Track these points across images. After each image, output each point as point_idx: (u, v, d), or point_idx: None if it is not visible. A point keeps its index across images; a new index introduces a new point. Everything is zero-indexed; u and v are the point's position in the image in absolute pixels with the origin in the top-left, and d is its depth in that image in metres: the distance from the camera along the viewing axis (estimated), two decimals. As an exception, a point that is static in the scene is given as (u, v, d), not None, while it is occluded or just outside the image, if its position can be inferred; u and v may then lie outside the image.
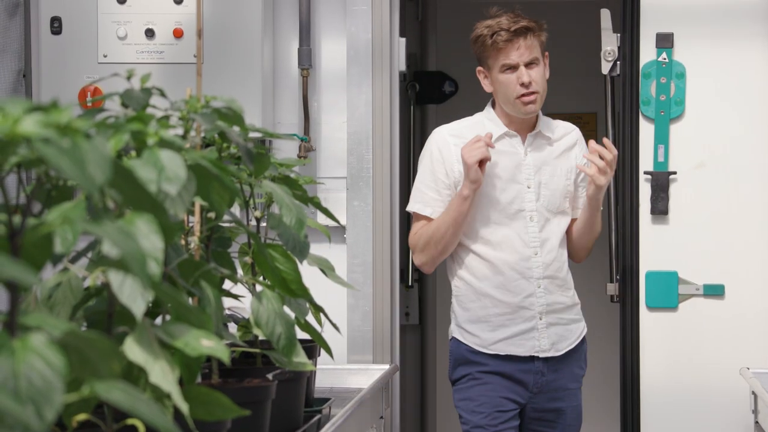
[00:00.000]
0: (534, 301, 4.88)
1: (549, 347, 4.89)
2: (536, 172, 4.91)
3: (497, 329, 4.88)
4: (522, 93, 4.75)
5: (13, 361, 1.70)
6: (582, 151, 4.98)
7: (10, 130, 1.76)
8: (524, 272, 4.87)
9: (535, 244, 4.88)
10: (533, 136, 4.93)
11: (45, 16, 5.29)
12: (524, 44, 4.75)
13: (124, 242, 1.96)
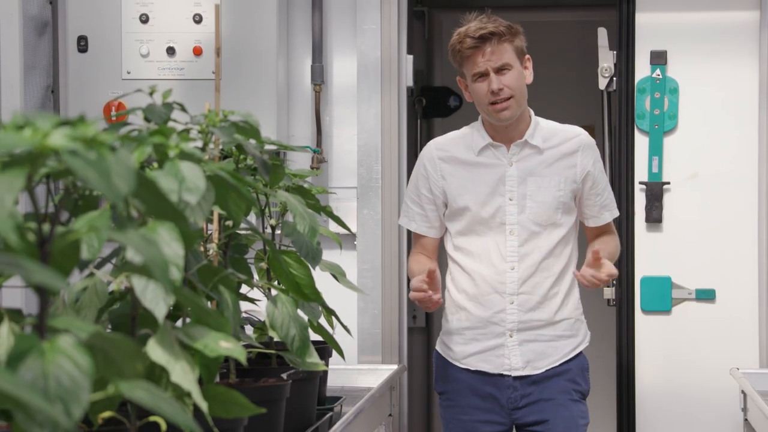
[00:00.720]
0: (504, 317, 4.50)
1: (523, 365, 4.51)
2: (520, 184, 4.51)
3: (469, 343, 4.56)
4: (492, 100, 4.39)
5: (43, 362, 1.71)
6: (587, 158, 4.56)
7: (39, 143, 1.76)
8: (497, 287, 4.50)
9: (513, 258, 4.50)
10: (519, 146, 4.53)
11: (72, 35, 5.30)
12: (490, 50, 4.37)
13: (146, 249, 1.96)
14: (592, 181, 4.55)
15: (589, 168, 4.54)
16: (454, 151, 4.56)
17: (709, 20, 5.53)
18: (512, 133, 4.51)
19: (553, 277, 4.51)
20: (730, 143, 5.46)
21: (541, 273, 4.49)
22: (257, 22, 5.28)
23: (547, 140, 4.54)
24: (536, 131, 4.54)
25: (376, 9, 5.47)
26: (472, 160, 4.52)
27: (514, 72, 4.41)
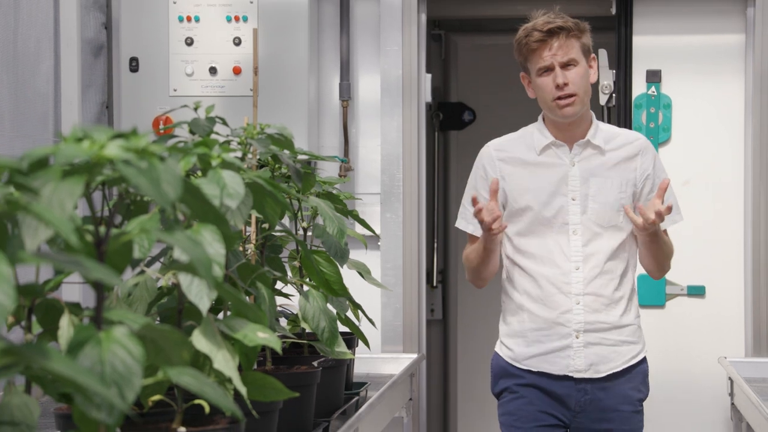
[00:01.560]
0: (570, 318, 4.02)
1: (586, 368, 4.03)
2: (583, 184, 4.04)
3: (532, 345, 4.08)
4: (557, 95, 3.94)
5: (100, 350, 1.72)
6: (647, 162, 4.11)
7: (96, 154, 1.77)
8: (562, 287, 4.02)
9: (578, 258, 4.03)
10: (581, 146, 4.06)
11: (125, 57, 5.31)
12: (558, 44, 3.94)
13: (192, 249, 1.97)
14: (651, 184, 4.08)
15: (649, 171, 4.10)
16: (513, 151, 4.14)
17: (699, 42, 5.52)
18: (575, 132, 4.08)
19: (617, 279, 4.06)
20: (718, 153, 5.45)
21: (605, 275, 4.05)
22: (291, 44, 5.28)
23: (608, 142, 4.10)
24: (597, 132, 4.10)
25: (398, 32, 5.47)
26: (534, 160, 4.10)
27: (580, 68, 3.99)
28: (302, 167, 3.24)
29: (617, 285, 4.05)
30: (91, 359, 1.71)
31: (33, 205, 1.57)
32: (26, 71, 4.64)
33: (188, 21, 5.31)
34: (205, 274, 1.98)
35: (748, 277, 5.38)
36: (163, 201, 1.82)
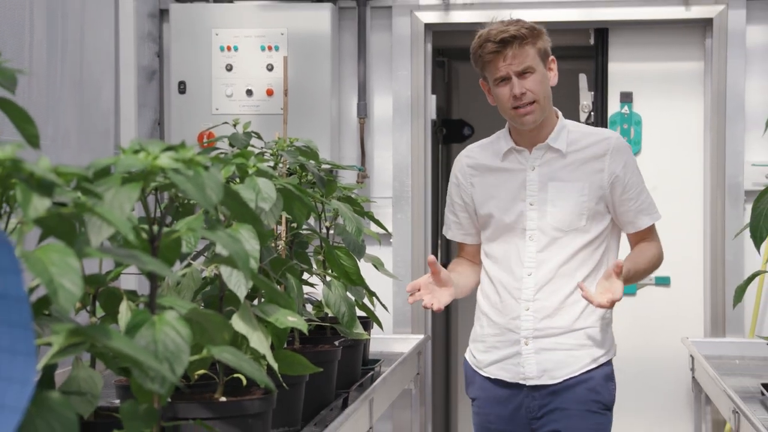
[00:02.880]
0: (519, 324, 3.47)
1: (539, 374, 3.47)
2: (541, 189, 3.49)
3: (489, 350, 3.56)
4: (515, 105, 3.43)
5: (154, 331, 1.72)
6: (616, 163, 3.50)
7: (150, 164, 1.77)
8: (514, 292, 3.49)
9: (531, 264, 3.47)
10: (541, 149, 3.51)
11: (174, 81, 5.32)
12: (512, 54, 3.41)
13: (231, 245, 1.97)
14: (622, 187, 3.50)
15: (618, 173, 3.49)
16: (481, 158, 3.62)
17: (665, 68, 5.52)
18: (536, 136, 3.52)
19: (573, 284, 3.45)
20: (681, 162, 5.45)
21: (560, 279, 3.47)
22: (315, 69, 5.29)
23: (572, 144, 3.53)
24: (561, 134, 3.53)
25: (407, 59, 5.47)
26: (497, 166, 3.57)
27: (537, 75, 3.45)
28: (325, 175, 3.25)
29: (573, 289, 3.44)
30: (146, 339, 1.71)
31: (97, 207, 1.58)
32: (91, 94, 4.65)
33: (228, 50, 5.31)
34: (243, 267, 1.98)
35: (707, 269, 5.38)
36: (206, 204, 1.82)
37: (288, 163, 3.08)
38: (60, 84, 4.34)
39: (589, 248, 3.50)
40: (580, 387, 3.47)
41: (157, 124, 5.48)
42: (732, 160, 5.29)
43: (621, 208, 3.52)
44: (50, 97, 4.23)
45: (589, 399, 3.48)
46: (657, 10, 5.37)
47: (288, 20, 5.31)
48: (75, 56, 4.48)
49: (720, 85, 5.31)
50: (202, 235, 1.96)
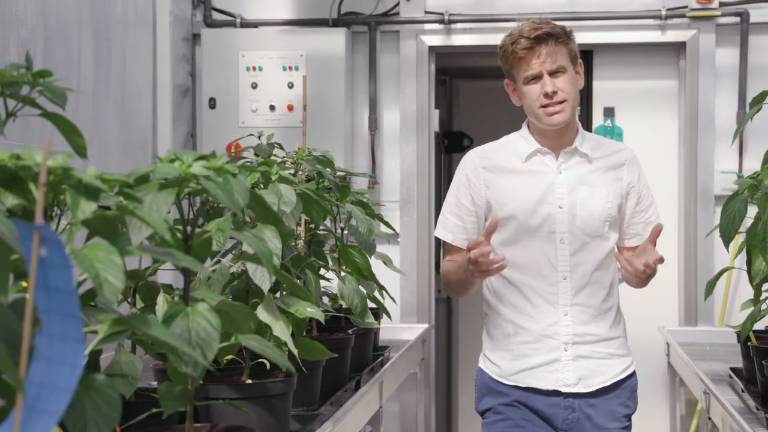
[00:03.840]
0: (558, 330, 3.08)
1: (575, 382, 3.09)
2: (570, 192, 3.11)
3: (519, 359, 3.12)
4: (545, 103, 3.06)
5: (187, 321, 1.72)
6: (633, 173, 3.22)
7: (185, 171, 1.77)
8: (550, 298, 3.08)
9: (565, 268, 3.09)
10: (569, 153, 3.14)
11: (205, 97, 5.33)
12: (546, 51, 3.05)
13: (256, 244, 1.97)
14: (637, 197, 3.22)
15: (635, 183, 3.21)
16: (497, 159, 3.19)
17: (643, 86, 5.51)
18: (561, 140, 3.16)
19: (605, 290, 3.17)
20: (657, 170, 5.43)
21: (593, 285, 3.13)
22: (331, 87, 5.29)
23: (595, 150, 3.19)
24: (584, 140, 3.19)
25: (413, 78, 5.47)
26: (519, 168, 3.16)
27: (568, 76, 3.09)
28: (340, 181, 3.25)
29: (605, 296, 3.17)
30: (180, 327, 1.71)
31: (137, 210, 1.58)
32: (131, 109, 4.67)
33: (254, 70, 5.32)
34: (267, 264, 1.98)
35: (681, 265, 5.37)
36: (234, 207, 1.82)
37: (307, 170, 3.08)
38: (104, 100, 4.35)
39: (610, 257, 3.17)
40: (614, 401, 3.15)
41: (190, 136, 5.49)
42: (703, 168, 5.29)
43: (632, 219, 3.22)
44: (96, 112, 4.24)
45: (621, 415, 3.17)
46: (636, 34, 5.38)
47: (307, 43, 5.32)
48: (118, 76, 4.49)
49: (692, 101, 5.31)
50: (230, 235, 1.96)
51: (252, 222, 2.28)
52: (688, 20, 5.29)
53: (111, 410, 1.38)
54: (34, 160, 1.47)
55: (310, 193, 2.62)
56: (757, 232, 2.62)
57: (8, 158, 1.46)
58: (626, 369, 3.20)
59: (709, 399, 3.35)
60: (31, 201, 1.48)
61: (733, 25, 5.27)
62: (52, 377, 1.21)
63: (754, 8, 5.23)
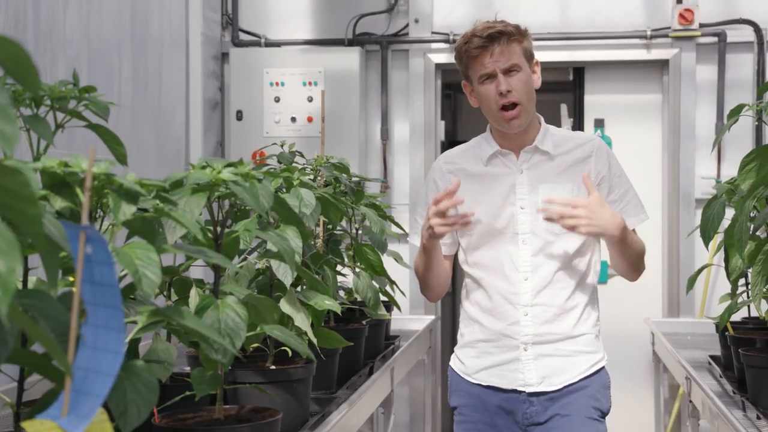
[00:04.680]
0: (518, 330, 2.78)
1: (538, 381, 2.78)
2: (531, 191, 2.79)
3: (481, 356, 2.84)
4: (501, 103, 2.73)
5: (217, 312, 1.73)
6: (601, 163, 2.83)
7: (215, 177, 1.78)
8: (510, 298, 2.78)
9: (526, 268, 2.78)
10: (529, 152, 2.81)
11: (233, 109, 5.34)
12: (499, 50, 2.72)
13: (280, 243, 1.98)
14: (608, 187, 2.84)
15: (604, 173, 2.84)
16: (462, 164, 2.89)
17: (630, 99, 5.51)
18: (521, 139, 2.83)
19: (570, 288, 2.81)
20: (643, 176, 5.42)
21: (556, 284, 2.80)
22: (347, 100, 5.30)
23: (558, 146, 2.84)
24: (546, 137, 2.85)
25: (421, 93, 5.48)
26: (481, 171, 2.85)
27: (523, 74, 2.76)
28: (355, 186, 3.26)
29: (570, 294, 2.82)
30: (211, 318, 1.72)
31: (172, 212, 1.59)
32: (166, 121, 4.68)
33: (276, 85, 5.33)
34: (289, 260, 1.99)
35: (665, 262, 5.36)
36: (260, 209, 1.83)
37: (325, 176, 3.09)
38: (142, 113, 4.36)
39: (579, 253, 2.83)
40: (580, 394, 2.82)
41: (219, 145, 5.50)
42: (685, 174, 5.28)
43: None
44: (134, 124, 4.25)
45: (589, 406, 2.82)
46: (624, 52, 5.38)
47: (324, 61, 5.33)
48: (154, 91, 4.50)
49: (675, 113, 5.31)
50: (256, 234, 1.97)
51: (275, 223, 2.28)
52: (670, 40, 5.29)
53: (149, 393, 1.39)
54: (80, 167, 1.48)
55: (328, 197, 2.62)
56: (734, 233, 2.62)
57: (57, 165, 1.47)
58: (594, 365, 2.86)
59: (691, 384, 3.34)
60: (78, 204, 1.49)
61: (712, 45, 5.27)
62: (96, 363, 1.22)
63: (730, 29, 5.24)
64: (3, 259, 0.80)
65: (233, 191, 1.81)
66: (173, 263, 2.18)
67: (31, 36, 3.37)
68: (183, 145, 4.91)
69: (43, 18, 3.46)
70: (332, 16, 5.52)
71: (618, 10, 5.35)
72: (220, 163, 1.86)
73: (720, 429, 2.77)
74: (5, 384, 2.15)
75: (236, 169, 1.86)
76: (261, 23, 5.56)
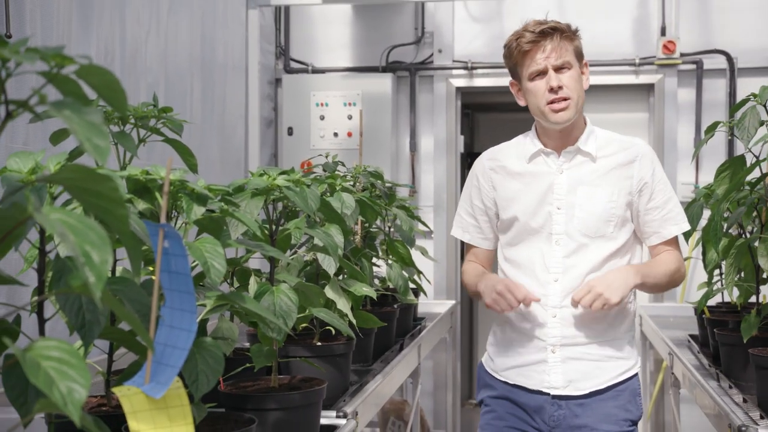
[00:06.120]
0: (546, 332, 2.39)
1: (564, 384, 2.39)
2: (569, 192, 2.39)
3: (510, 356, 2.47)
4: (551, 99, 2.34)
5: (273, 297, 1.73)
6: (645, 169, 2.41)
7: (270, 183, 1.79)
8: (540, 299, 2.39)
9: (557, 270, 2.38)
10: (571, 153, 2.42)
11: (285, 126, 5.36)
12: (551, 46, 2.34)
13: (325, 238, 1.98)
14: (650, 193, 2.41)
15: (647, 179, 2.41)
16: (504, 161, 2.51)
17: (621, 117, 5.47)
18: (565, 139, 2.44)
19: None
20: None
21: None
22: (381, 119, 5.30)
23: (601, 148, 2.44)
24: (590, 138, 2.46)
25: (443, 112, 5.47)
26: (523, 169, 2.47)
27: (574, 72, 2.38)
28: (388, 191, 3.26)
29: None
30: (267, 302, 1.73)
31: (235, 212, 1.60)
32: (229, 136, 4.70)
33: (321, 105, 5.34)
34: (333, 253, 1.99)
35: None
36: (308, 210, 1.84)
37: (362, 182, 3.09)
38: (209, 129, 4.39)
39: (617, 256, 2.42)
40: (610, 403, 2.39)
41: (273, 156, 5.52)
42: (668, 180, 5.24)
43: (647, 217, 2.43)
44: (202, 138, 4.28)
45: (619, 418, 2.39)
46: (616, 77, 5.35)
47: (362, 85, 5.33)
48: (219, 110, 4.53)
49: (659, 129, 5.27)
50: (304, 231, 1.97)
51: (321, 222, 2.29)
52: (656, 67, 5.26)
53: (216, 364, 1.39)
54: (159, 175, 1.49)
55: (365, 200, 2.62)
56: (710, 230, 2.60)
57: (140, 174, 1.49)
58: (625, 372, 2.42)
59: (673, 358, 3.32)
60: (157, 206, 1.50)
61: (691, 71, 5.23)
62: (173, 339, 1.23)
63: (706, 58, 5.20)
64: (97, 252, 0.81)
65: (286, 195, 1.82)
66: (235, 255, 2.19)
67: (117, 65, 3.40)
68: (243, 156, 4.93)
69: (128, 49, 3.49)
70: (368, 48, 5.52)
71: (611, 41, 5.33)
72: (274, 171, 1.87)
73: (698, 396, 2.75)
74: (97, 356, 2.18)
75: (288, 176, 1.87)
76: (308, 53, 5.57)
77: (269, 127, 5.44)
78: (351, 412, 2.21)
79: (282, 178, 1.83)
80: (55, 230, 0.81)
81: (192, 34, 4.16)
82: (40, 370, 0.81)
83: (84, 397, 0.81)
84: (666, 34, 5.23)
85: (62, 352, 0.84)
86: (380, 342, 2.95)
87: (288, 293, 1.75)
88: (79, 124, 0.81)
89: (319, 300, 1.98)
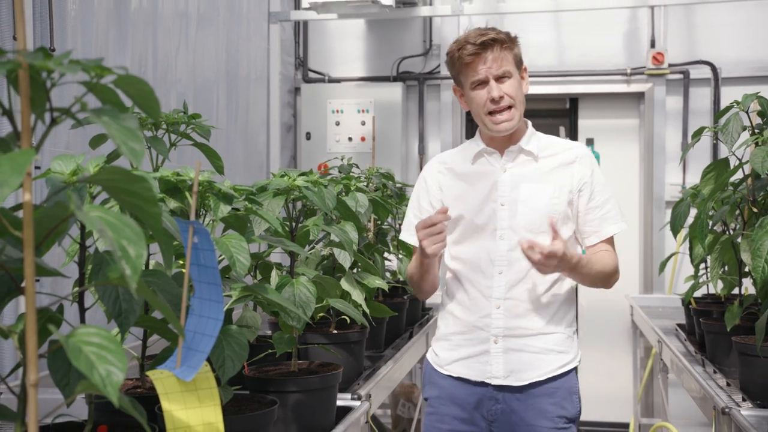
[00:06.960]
0: (490, 323, 2.22)
1: (505, 374, 2.22)
2: (513, 189, 2.25)
3: (454, 349, 2.28)
4: (492, 109, 2.22)
5: (293, 288, 1.74)
6: (585, 169, 2.29)
7: (291, 183, 1.79)
8: (485, 291, 2.23)
9: (502, 263, 2.22)
10: (513, 152, 2.28)
11: (303, 131, 5.36)
12: (492, 57, 2.21)
13: (341, 234, 1.98)
14: (589, 193, 2.30)
15: (587, 179, 2.29)
16: (451, 164, 2.35)
17: (614, 123, 5.46)
18: (508, 141, 2.30)
19: (546, 284, 2.24)
20: (624, 183, 5.38)
21: (531, 280, 2.23)
22: (391, 124, 5.30)
23: (544, 149, 2.31)
24: (532, 139, 2.31)
25: (449, 118, 5.46)
26: (468, 170, 2.31)
27: (514, 80, 2.24)
28: (398, 191, 3.26)
29: (545, 290, 2.25)
30: (288, 293, 1.73)
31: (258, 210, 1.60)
32: (252, 140, 4.71)
33: (337, 112, 5.34)
34: (348, 248, 1.99)
35: (641, 250, 5.31)
36: (325, 208, 1.84)
37: (375, 183, 3.09)
38: (233, 134, 4.40)
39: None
40: (546, 400, 2.24)
41: (292, 159, 5.52)
42: (657, 181, 5.22)
43: (587, 217, 2.30)
44: (228, 142, 4.29)
45: (555, 415, 2.23)
46: (609, 86, 5.33)
47: (374, 93, 5.33)
48: (242, 117, 4.54)
49: (649, 134, 5.25)
50: (322, 228, 1.97)
51: (337, 219, 2.29)
52: (645, 77, 5.24)
53: (241, 350, 1.40)
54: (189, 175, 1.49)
55: (378, 199, 2.62)
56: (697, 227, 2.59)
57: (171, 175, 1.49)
58: (564, 365, 2.26)
59: (662, 346, 3.31)
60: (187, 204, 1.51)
61: (678, 80, 5.21)
62: (202, 327, 1.23)
63: (693, 68, 5.19)
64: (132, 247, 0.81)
65: (305, 194, 1.82)
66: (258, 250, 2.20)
67: (150, 75, 3.41)
68: (264, 159, 4.94)
69: (160, 61, 3.50)
70: (380, 59, 5.52)
71: (604, 53, 5.31)
72: (294, 172, 1.88)
73: (685, 381, 2.74)
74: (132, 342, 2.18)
75: (307, 177, 1.87)
76: (325, 64, 5.57)
77: (289, 132, 5.45)
78: (365, 394, 2.21)
79: (301, 179, 1.84)
80: (95, 227, 0.82)
81: (218, 48, 4.17)
82: (82, 355, 0.82)
83: (121, 379, 0.82)
84: (655, 46, 5.21)
85: (101, 338, 0.84)
86: (391, 330, 2.95)
87: (307, 285, 1.75)
88: (117, 129, 0.81)
89: (335, 291, 1.99)
